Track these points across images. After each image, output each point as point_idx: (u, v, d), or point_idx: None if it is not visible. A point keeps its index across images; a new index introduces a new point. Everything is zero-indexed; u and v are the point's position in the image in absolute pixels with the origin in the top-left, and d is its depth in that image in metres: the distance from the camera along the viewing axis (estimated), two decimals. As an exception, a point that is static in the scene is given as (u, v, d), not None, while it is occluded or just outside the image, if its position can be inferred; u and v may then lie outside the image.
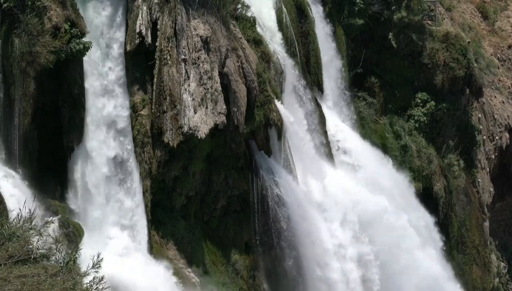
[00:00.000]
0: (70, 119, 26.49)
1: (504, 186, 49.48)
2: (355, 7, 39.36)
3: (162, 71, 28.62)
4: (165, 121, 28.53)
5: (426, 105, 41.62)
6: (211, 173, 31.04)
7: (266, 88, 31.38)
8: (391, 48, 41.39)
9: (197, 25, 29.61)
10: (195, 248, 30.31)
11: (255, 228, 31.83)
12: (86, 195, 27.24)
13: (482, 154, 45.35)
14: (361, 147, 38.10)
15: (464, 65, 42.34)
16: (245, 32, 32.13)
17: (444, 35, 42.49)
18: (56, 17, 25.65)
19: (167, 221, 29.74)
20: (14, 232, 12.45)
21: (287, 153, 32.98)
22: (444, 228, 41.04)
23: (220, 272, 30.79)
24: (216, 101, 29.26)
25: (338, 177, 35.75)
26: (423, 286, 36.99)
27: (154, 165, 28.61)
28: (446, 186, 41.50)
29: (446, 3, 48.00)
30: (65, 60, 25.82)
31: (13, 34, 25.07)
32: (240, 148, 31.41)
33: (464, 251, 42.44)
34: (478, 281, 42.82)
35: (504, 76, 50.32)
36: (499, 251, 47.95)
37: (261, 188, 31.65)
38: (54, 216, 25.02)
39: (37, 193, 24.75)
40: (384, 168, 38.72)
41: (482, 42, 48.96)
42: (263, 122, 31.24)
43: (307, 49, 36.91)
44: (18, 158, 25.26)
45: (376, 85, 41.37)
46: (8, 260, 12.28)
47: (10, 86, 25.24)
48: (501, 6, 53.76)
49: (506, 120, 48.17)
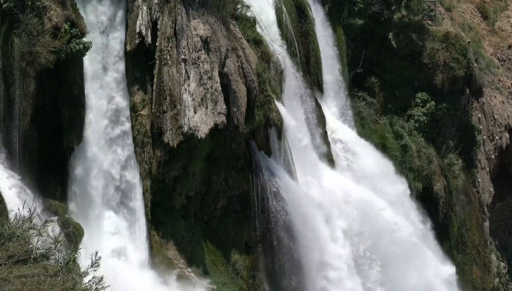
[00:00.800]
0: (70, 119, 26.47)
1: (504, 186, 49.48)
2: (355, 7, 39.36)
3: (162, 71, 28.61)
4: (165, 121, 28.53)
5: (426, 105, 41.61)
6: (211, 173, 31.04)
7: (266, 88, 31.38)
8: (391, 48, 41.38)
9: (197, 25, 29.61)
10: (195, 248, 30.31)
11: (255, 228, 31.83)
12: (86, 195, 27.23)
13: (482, 154, 45.34)
14: (360, 146, 38.10)
15: (464, 65, 42.33)
16: (245, 32, 32.13)
17: (444, 35, 42.48)
18: (56, 17, 25.65)
19: (167, 221, 29.74)
20: (14, 232, 12.45)
21: (287, 152, 32.97)
22: (444, 228, 41.04)
23: (220, 272, 30.79)
24: (216, 101, 29.25)
25: (338, 177, 35.75)
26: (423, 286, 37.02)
27: (154, 165, 28.61)
28: (446, 186, 41.49)
29: (446, 3, 48.00)
30: (65, 60, 25.81)
31: (13, 34, 25.06)
32: (240, 148, 31.41)
33: (464, 251, 42.42)
34: (478, 281, 42.81)
35: (504, 76, 50.32)
36: (499, 251, 47.94)
37: (261, 188, 31.65)
38: (54, 216, 25.01)
39: (37, 193, 24.75)
40: (384, 168, 38.70)
41: (482, 42, 48.96)
42: (263, 122, 31.24)
43: (307, 49, 36.92)
44: (18, 157, 25.25)
45: (376, 85, 41.36)
46: (8, 260, 12.28)
47: (10, 86, 25.24)
48: (501, 6, 53.76)
49: (506, 120, 48.17)
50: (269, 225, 31.90)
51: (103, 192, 27.66)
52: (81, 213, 27.07)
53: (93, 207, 27.40)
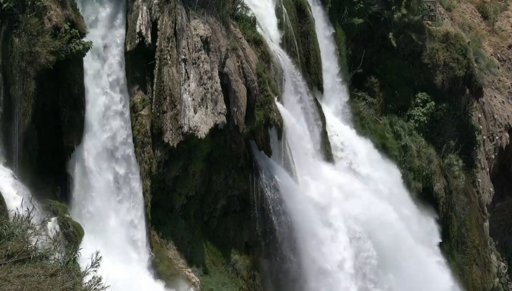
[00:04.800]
0: (70, 119, 26.48)
1: (504, 186, 49.50)
2: (355, 7, 39.37)
3: (162, 71, 28.62)
4: (165, 121, 28.53)
5: (426, 105, 41.61)
6: (211, 173, 31.03)
7: (266, 88, 31.38)
8: (391, 48, 41.40)
9: (197, 25, 29.62)
10: (195, 248, 30.31)
11: (255, 228, 31.83)
12: (86, 195, 27.23)
13: (482, 153, 45.35)
14: (360, 146, 38.10)
15: (464, 65, 42.33)
16: (245, 32, 32.13)
17: (444, 35, 42.49)
18: (56, 17, 25.65)
19: (167, 221, 29.73)
20: (13, 232, 12.45)
21: (287, 153, 32.97)
22: (444, 228, 41.05)
23: (220, 272, 30.79)
24: (216, 101, 29.25)
25: (337, 176, 35.75)
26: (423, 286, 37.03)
27: (154, 165, 28.60)
28: (446, 186, 41.49)
29: (446, 3, 48.01)
30: (65, 60, 25.81)
31: (13, 34, 25.07)
32: (240, 148, 31.41)
33: (464, 251, 42.42)
34: (478, 281, 42.80)
35: (504, 76, 50.33)
36: (499, 251, 47.95)
37: (261, 188, 31.65)
38: (53, 216, 25.00)
39: (37, 193, 24.76)
40: (384, 168, 38.71)
41: (482, 42, 48.97)
42: (263, 122, 31.24)
43: (307, 49, 36.93)
44: (18, 157, 25.25)
45: (376, 85, 41.36)
46: (7, 260, 12.28)
47: (10, 86, 25.24)
48: (501, 6, 53.78)
49: (506, 120, 48.18)
50: (269, 225, 31.90)
51: (103, 191, 27.64)
52: (81, 212, 27.06)
53: (93, 206, 27.38)
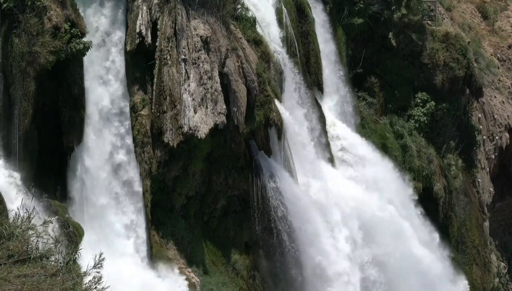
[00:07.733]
0: (70, 119, 26.48)
1: (504, 186, 49.51)
2: (355, 7, 39.37)
3: (162, 71, 28.61)
4: (165, 121, 28.53)
5: (426, 105, 41.61)
6: (211, 173, 31.03)
7: (266, 88, 31.38)
8: (391, 48, 41.40)
9: (197, 25, 29.61)
10: (195, 248, 30.30)
11: (255, 228, 31.82)
12: (86, 195, 27.22)
13: (482, 154, 45.35)
14: (361, 147, 38.09)
15: (464, 65, 42.34)
16: (245, 32, 32.12)
17: (444, 35, 42.49)
18: (56, 17, 25.65)
19: (167, 221, 29.73)
20: (13, 232, 12.45)
21: (287, 153, 32.97)
22: (444, 228, 41.04)
23: (220, 272, 30.78)
24: (216, 101, 29.25)
25: (338, 176, 35.76)
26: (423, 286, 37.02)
27: (154, 165, 28.60)
28: (446, 186, 41.49)
29: (446, 3, 48.02)
30: (65, 60, 25.81)
31: (13, 34, 25.06)
32: (240, 148, 31.41)
33: (464, 251, 42.42)
34: (478, 281, 42.80)
35: (504, 76, 50.34)
36: (499, 251, 47.95)
37: (261, 188, 31.64)
38: (54, 216, 24.99)
39: (37, 193, 24.74)
40: (384, 169, 38.70)
41: (482, 42, 48.98)
42: (263, 122, 31.23)
43: (307, 49, 36.92)
44: (18, 157, 25.25)
45: (376, 85, 41.36)
46: (8, 260, 12.28)
47: (10, 86, 25.24)
48: (501, 6, 53.79)
49: (506, 120, 48.19)
50: (269, 225, 31.89)
51: (103, 191, 27.63)
52: (81, 212, 27.06)
53: (93, 206, 27.38)
